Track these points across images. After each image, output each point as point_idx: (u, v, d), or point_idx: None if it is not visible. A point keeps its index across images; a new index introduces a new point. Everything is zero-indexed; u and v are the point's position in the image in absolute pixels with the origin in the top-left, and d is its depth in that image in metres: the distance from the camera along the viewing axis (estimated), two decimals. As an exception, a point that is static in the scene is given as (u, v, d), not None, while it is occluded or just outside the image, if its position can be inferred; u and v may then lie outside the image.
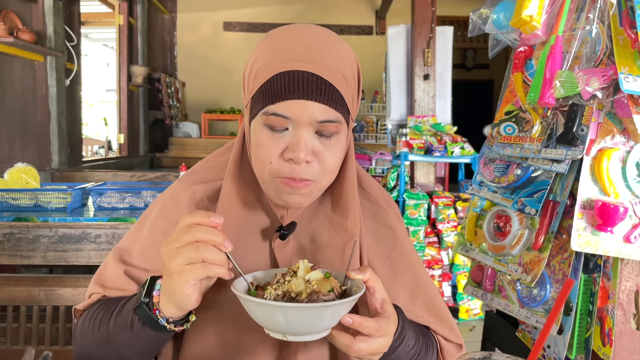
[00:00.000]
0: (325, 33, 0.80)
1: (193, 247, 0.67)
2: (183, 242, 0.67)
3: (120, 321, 0.78)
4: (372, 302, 0.74)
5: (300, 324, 0.67)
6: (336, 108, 0.76)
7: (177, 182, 0.93)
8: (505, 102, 1.14)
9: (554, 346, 1.02)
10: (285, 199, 0.79)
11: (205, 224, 0.68)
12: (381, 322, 0.72)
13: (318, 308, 0.66)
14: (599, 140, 0.93)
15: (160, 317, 0.73)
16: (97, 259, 2.35)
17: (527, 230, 1.04)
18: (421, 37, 4.06)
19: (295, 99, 0.73)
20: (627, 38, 0.87)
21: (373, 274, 0.74)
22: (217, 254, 0.67)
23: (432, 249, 3.60)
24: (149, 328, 0.74)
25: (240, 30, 7.48)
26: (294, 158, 0.75)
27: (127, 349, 0.78)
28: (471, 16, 1.12)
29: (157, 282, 0.74)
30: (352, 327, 0.70)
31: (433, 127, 3.96)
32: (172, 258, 0.68)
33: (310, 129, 0.75)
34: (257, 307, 0.68)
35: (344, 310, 0.70)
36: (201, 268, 0.67)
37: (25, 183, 2.69)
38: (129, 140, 5.99)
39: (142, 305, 0.73)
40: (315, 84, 0.74)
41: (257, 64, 0.78)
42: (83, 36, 6.02)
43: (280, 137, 0.76)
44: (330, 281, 0.72)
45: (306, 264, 0.74)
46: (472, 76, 9.74)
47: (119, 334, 0.78)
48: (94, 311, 0.84)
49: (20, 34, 3.47)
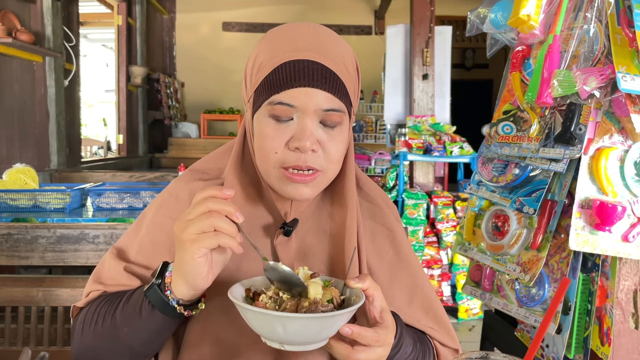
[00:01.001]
0: (326, 29, 0.82)
1: (206, 216, 0.67)
2: (196, 214, 0.68)
3: (127, 309, 0.78)
4: (371, 310, 0.73)
5: (298, 334, 0.66)
6: (340, 97, 0.77)
7: (175, 181, 0.93)
8: (503, 102, 1.14)
9: (553, 345, 1.02)
10: (290, 190, 0.79)
11: (218, 196, 0.69)
12: (380, 332, 0.71)
13: (317, 319, 0.65)
14: (597, 139, 0.93)
15: (171, 298, 0.73)
16: (96, 260, 2.35)
17: (525, 230, 1.04)
18: (420, 37, 4.06)
19: (301, 87, 0.74)
20: (624, 37, 0.87)
21: (372, 282, 0.73)
22: (228, 224, 0.68)
23: (431, 248, 3.60)
24: (159, 311, 0.74)
25: (239, 30, 7.48)
26: (300, 147, 0.75)
27: (133, 338, 0.78)
28: (469, 16, 1.12)
29: (169, 266, 0.75)
30: (351, 337, 0.70)
31: (432, 126, 3.96)
32: (184, 228, 0.69)
33: (315, 117, 0.76)
34: (254, 316, 0.67)
35: (343, 321, 0.69)
36: (213, 236, 0.67)
37: (23, 184, 2.68)
38: (128, 141, 5.98)
39: (154, 287, 0.74)
40: (320, 72, 0.75)
41: (260, 58, 0.79)
42: (82, 37, 6.02)
43: (285, 127, 0.76)
44: (330, 290, 0.71)
45: (306, 271, 0.74)
46: (471, 76, 9.74)
47: (125, 323, 0.78)
48: (96, 306, 0.83)
49: (18, 35, 3.46)
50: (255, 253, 0.84)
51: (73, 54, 4.39)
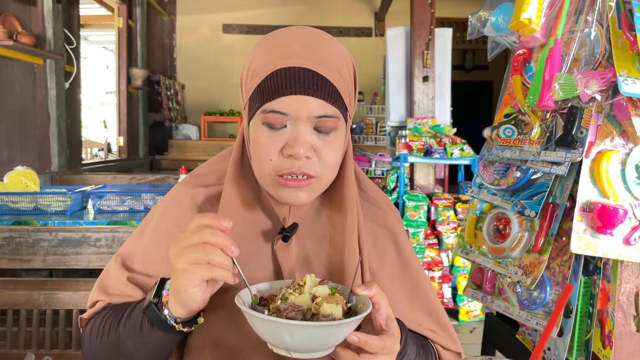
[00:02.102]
0: (320, 32, 0.82)
1: (200, 248, 0.67)
2: (191, 243, 0.68)
3: (129, 325, 0.78)
4: (377, 318, 0.73)
5: (305, 342, 0.66)
6: (333, 103, 0.77)
7: (177, 186, 0.93)
8: (504, 105, 1.14)
9: (554, 348, 1.02)
10: (286, 196, 0.79)
11: (215, 227, 0.68)
12: (387, 340, 0.71)
13: (325, 327, 0.65)
14: (598, 142, 0.93)
15: (169, 317, 0.73)
16: (97, 263, 2.35)
17: (526, 233, 1.04)
18: (420, 39, 4.07)
19: (292, 95, 0.74)
20: (625, 40, 0.87)
21: (379, 289, 0.73)
22: (222, 257, 0.67)
23: (432, 250, 3.60)
24: (158, 329, 0.74)
25: (239, 32, 7.48)
26: (294, 154, 0.75)
27: (137, 352, 0.78)
28: (470, 19, 1.12)
29: (166, 283, 0.75)
30: (357, 345, 0.70)
31: (432, 128, 3.96)
32: (178, 256, 0.68)
33: (308, 124, 0.76)
34: (262, 323, 0.67)
35: (350, 329, 0.69)
36: (206, 269, 0.67)
37: (24, 186, 2.69)
38: (128, 143, 5.98)
39: (152, 306, 0.73)
40: (311, 79, 0.75)
41: (253, 65, 0.79)
42: (82, 39, 6.02)
43: (279, 135, 0.76)
44: (336, 297, 0.71)
45: (314, 279, 0.74)
46: (472, 77, 9.74)
47: (128, 338, 0.78)
48: (101, 318, 0.84)
49: (19, 37, 3.47)
50: (260, 258, 0.85)
51: (74, 56, 4.40)
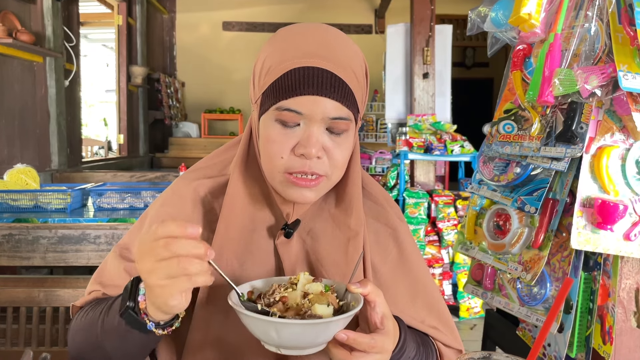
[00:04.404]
0: (336, 32, 0.81)
1: (175, 262, 0.61)
2: (162, 257, 0.62)
3: (107, 325, 0.75)
4: (372, 316, 0.73)
5: (292, 339, 0.66)
6: (348, 106, 0.76)
7: (179, 179, 0.93)
8: (504, 101, 1.14)
9: (555, 344, 1.02)
10: (293, 194, 0.79)
11: (183, 237, 0.62)
12: (377, 339, 0.70)
13: (310, 325, 0.65)
14: (599, 138, 0.93)
15: (149, 321, 0.70)
16: (97, 260, 2.35)
17: (526, 229, 1.04)
18: (420, 36, 4.06)
19: (309, 95, 0.74)
20: (626, 35, 0.87)
21: (374, 287, 0.72)
22: (199, 265, 0.63)
23: (432, 247, 3.60)
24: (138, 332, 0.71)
25: (239, 29, 7.47)
26: (306, 153, 0.75)
27: (116, 352, 0.76)
28: (470, 14, 1.12)
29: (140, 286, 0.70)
30: (346, 343, 0.69)
31: (433, 125, 3.96)
32: (151, 272, 0.63)
33: (321, 125, 0.76)
34: (250, 321, 0.67)
35: (338, 327, 0.68)
36: (185, 281, 0.63)
37: (24, 184, 2.69)
38: (128, 141, 5.98)
39: (128, 311, 0.70)
40: (329, 80, 0.74)
41: (269, 60, 0.78)
42: (82, 37, 6.02)
43: (291, 133, 0.76)
44: (327, 296, 0.71)
45: (307, 276, 0.74)
46: (472, 74, 9.73)
47: (106, 339, 0.75)
48: (85, 311, 0.83)
49: (19, 35, 3.46)
50: (259, 254, 0.84)
51: (73, 54, 4.40)
